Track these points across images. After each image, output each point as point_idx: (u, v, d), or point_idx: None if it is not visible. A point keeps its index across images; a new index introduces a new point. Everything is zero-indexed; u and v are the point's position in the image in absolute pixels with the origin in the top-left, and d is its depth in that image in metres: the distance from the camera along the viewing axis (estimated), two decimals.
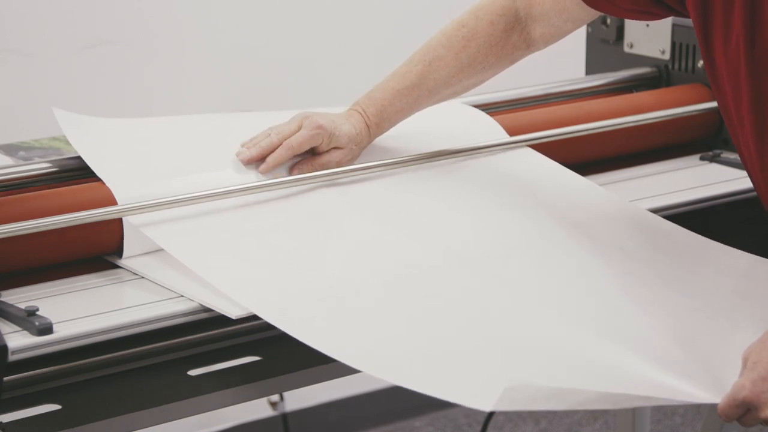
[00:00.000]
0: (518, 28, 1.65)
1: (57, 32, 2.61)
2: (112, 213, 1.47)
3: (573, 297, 1.46)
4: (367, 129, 1.66)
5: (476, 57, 1.65)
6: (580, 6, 1.59)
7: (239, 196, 1.55)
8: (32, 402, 1.35)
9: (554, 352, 1.34)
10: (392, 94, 1.66)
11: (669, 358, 1.33)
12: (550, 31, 1.65)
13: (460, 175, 1.69)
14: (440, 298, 1.43)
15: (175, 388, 1.41)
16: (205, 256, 1.45)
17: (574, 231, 1.58)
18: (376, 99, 1.66)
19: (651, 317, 1.42)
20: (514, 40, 1.66)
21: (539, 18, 1.64)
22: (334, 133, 1.63)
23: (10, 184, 1.54)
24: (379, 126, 1.67)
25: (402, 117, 1.68)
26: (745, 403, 1.22)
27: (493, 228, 1.58)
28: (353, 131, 1.64)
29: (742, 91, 1.42)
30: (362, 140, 1.66)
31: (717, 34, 1.43)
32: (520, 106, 1.95)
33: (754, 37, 1.39)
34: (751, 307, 1.45)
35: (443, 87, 1.66)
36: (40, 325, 1.31)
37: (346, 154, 1.65)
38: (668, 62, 2.06)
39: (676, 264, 1.55)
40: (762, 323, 1.38)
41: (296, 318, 1.36)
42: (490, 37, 1.65)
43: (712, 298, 1.48)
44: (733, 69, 1.42)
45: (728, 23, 1.41)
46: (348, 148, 1.64)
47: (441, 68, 1.66)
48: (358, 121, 1.65)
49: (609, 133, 1.87)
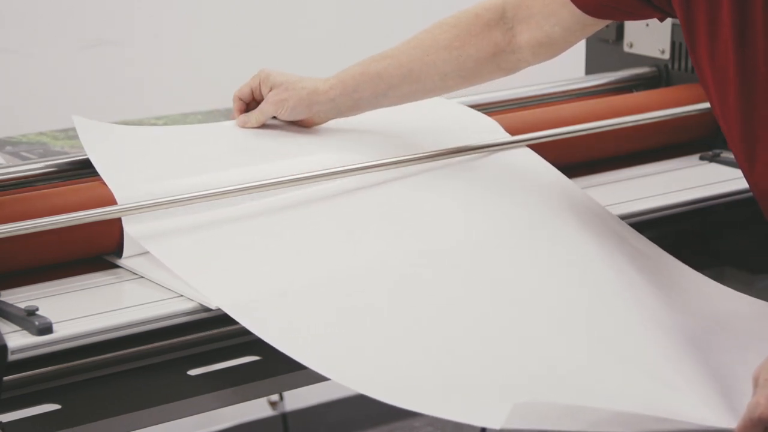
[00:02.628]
0: (503, 26, 1.63)
1: (57, 32, 2.61)
2: (112, 213, 1.47)
3: (580, 311, 1.44)
4: (324, 82, 1.66)
5: (453, 41, 1.64)
6: (566, 8, 1.57)
7: (239, 196, 1.54)
8: (32, 402, 1.35)
9: (560, 369, 1.32)
10: (365, 60, 1.67)
11: (680, 378, 1.32)
12: (537, 37, 1.61)
13: (457, 176, 1.68)
14: (437, 308, 1.41)
15: (175, 388, 1.41)
16: (204, 272, 1.44)
17: (578, 240, 1.58)
18: (349, 66, 1.68)
19: (659, 336, 1.40)
20: (497, 37, 1.63)
21: (526, 20, 1.61)
22: (271, 73, 1.67)
23: (9, 183, 1.54)
24: (342, 81, 1.66)
25: (368, 82, 1.66)
26: (762, 420, 1.19)
27: (488, 234, 1.57)
28: (295, 77, 1.67)
29: (729, 93, 1.41)
30: (310, 86, 1.67)
31: (701, 33, 1.42)
32: (520, 106, 1.95)
33: (745, 37, 1.38)
34: (760, 330, 1.44)
35: (416, 62, 1.64)
36: (40, 324, 1.31)
37: (280, 93, 1.67)
38: (668, 62, 2.06)
39: (677, 284, 1.54)
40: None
41: (298, 336, 1.35)
42: (470, 27, 1.63)
43: (714, 320, 1.47)
44: (721, 69, 1.41)
45: (714, 22, 1.40)
46: (282, 87, 1.66)
47: (417, 46, 1.65)
48: (317, 78, 1.67)
49: (608, 133, 1.87)
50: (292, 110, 1.67)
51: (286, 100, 1.67)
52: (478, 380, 1.29)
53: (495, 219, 1.60)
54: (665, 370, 1.33)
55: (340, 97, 1.66)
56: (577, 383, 1.30)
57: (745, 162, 1.43)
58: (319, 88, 1.66)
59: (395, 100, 1.68)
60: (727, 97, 1.41)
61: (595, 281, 1.50)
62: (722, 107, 1.43)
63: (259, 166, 1.61)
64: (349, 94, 1.66)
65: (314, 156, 1.65)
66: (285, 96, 1.67)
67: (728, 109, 1.42)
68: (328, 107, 1.68)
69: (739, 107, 1.40)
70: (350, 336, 1.35)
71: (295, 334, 1.35)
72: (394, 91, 1.66)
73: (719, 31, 1.40)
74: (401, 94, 1.68)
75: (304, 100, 1.66)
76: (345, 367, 1.30)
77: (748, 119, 1.40)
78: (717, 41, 1.40)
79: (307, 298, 1.40)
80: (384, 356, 1.33)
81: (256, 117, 1.70)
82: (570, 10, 1.57)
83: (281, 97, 1.67)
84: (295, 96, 1.66)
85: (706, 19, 1.41)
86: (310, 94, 1.66)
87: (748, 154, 1.42)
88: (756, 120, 1.40)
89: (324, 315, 1.38)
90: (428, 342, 1.35)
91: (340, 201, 1.59)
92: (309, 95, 1.66)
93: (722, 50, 1.40)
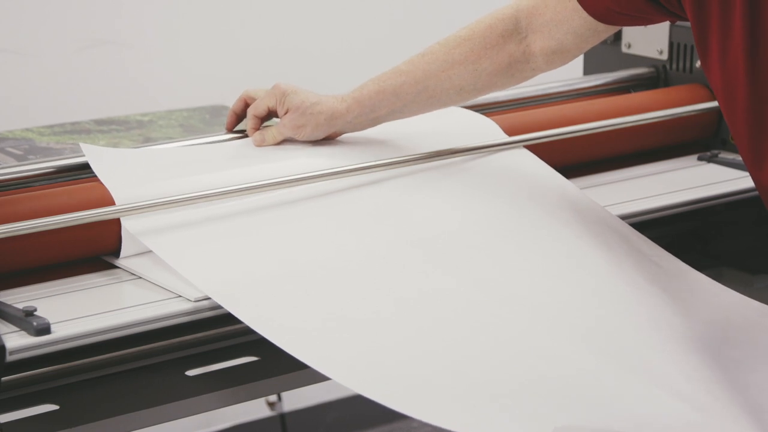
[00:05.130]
0: (517, 37, 1.63)
1: (57, 32, 2.61)
2: (110, 213, 1.47)
3: (587, 317, 1.43)
4: (341, 102, 1.66)
5: (469, 56, 1.64)
6: (578, 15, 1.57)
7: (239, 196, 1.54)
8: (30, 402, 1.35)
9: (568, 379, 1.31)
10: (378, 77, 1.66)
11: (710, 399, 1.31)
12: (550, 45, 1.61)
13: (453, 177, 1.68)
14: (436, 319, 1.40)
15: (173, 389, 1.41)
16: (205, 269, 1.44)
17: (581, 247, 1.57)
18: (363, 83, 1.67)
19: (672, 345, 1.40)
20: (511, 48, 1.63)
21: (539, 29, 1.61)
22: (287, 92, 1.66)
23: (8, 184, 1.54)
24: (360, 102, 1.66)
25: (385, 101, 1.66)
26: None
27: (487, 236, 1.57)
28: (313, 98, 1.65)
29: (738, 96, 1.41)
30: (327, 111, 1.66)
31: (713, 37, 1.43)
32: (518, 106, 1.95)
33: (757, 41, 1.38)
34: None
35: (432, 79, 1.65)
36: (38, 325, 1.31)
37: (297, 119, 1.65)
38: (666, 62, 2.06)
39: (684, 286, 1.54)
40: None
41: (293, 329, 1.35)
42: (485, 39, 1.64)
43: (724, 327, 1.47)
44: (731, 72, 1.41)
45: (726, 26, 1.41)
46: (299, 112, 1.65)
47: (432, 61, 1.65)
48: (333, 97, 1.66)
49: (607, 134, 1.87)
50: (309, 135, 1.68)
51: (304, 126, 1.67)
52: (477, 389, 1.28)
53: (491, 221, 1.59)
54: (688, 388, 1.33)
55: (358, 118, 1.67)
56: (586, 395, 1.29)
57: (752, 163, 1.44)
58: (336, 111, 1.66)
59: (410, 114, 1.70)
60: (736, 99, 1.41)
61: (600, 285, 1.50)
62: (731, 109, 1.43)
63: (258, 166, 1.61)
64: (366, 114, 1.67)
65: (313, 159, 1.65)
66: (302, 122, 1.66)
67: (737, 110, 1.42)
68: (346, 128, 1.69)
69: (748, 108, 1.40)
70: (347, 334, 1.35)
71: (271, 322, 1.34)
72: (410, 107, 1.68)
73: (731, 34, 1.40)
74: (417, 109, 1.69)
75: (321, 125, 1.67)
76: (340, 364, 1.30)
77: (757, 122, 1.40)
78: (728, 45, 1.40)
79: (301, 293, 1.40)
80: (379, 357, 1.33)
81: (274, 136, 1.69)
82: (582, 17, 1.57)
83: (299, 123, 1.66)
84: (313, 122, 1.66)
85: (718, 23, 1.41)
86: (327, 119, 1.66)
87: (756, 155, 1.42)
88: (765, 122, 1.40)
89: (322, 312, 1.38)
90: (426, 347, 1.35)
91: (335, 199, 1.59)
92: (327, 120, 1.66)
93: (733, 54, 1.40)
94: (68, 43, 2.63)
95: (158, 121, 2.23)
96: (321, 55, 2.88)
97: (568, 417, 1.25)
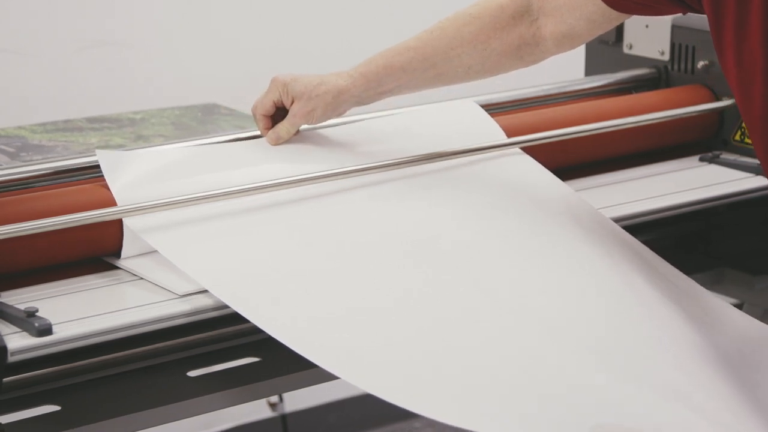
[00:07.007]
0: (528, 18, 1.62)
1: (57, 32, 2.61)
2: (112, 214, 1.47)
3: (590, 320, 1.43)
4: (347, 78, 1.65)
5: (478, 36, 1.63)
6: (592, 1, 1.56)
7: (239, 197, 1.55)
8: (32, 403, 1.35)
9: (569, 381, 1.31)
10: (386, 52, 1.65)
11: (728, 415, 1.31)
12: (561, 30, 1.61)
13: (456, 180, 1.67)
14: (436, 318, 1.40)
15: (175, 389, 1.41)
16: (209, 267, 1.44)
17: (583, 251, 1.57)
18: (370, 57, 1.66)
19: (676, 352, 1.40)
20: (521, 30, 1.62)
21: (552, 13, 1.61)
22: (287, 82, 1.64)
23: (9, 184, 1.54)
24: (366, 77, 1.65)
25: (392, 75, 1.65)
26: None
27: (486, 238, 1.57)
28: (315, 80, 1.64)
29: (755, 93, 1.40)
30: (333, 89, 1.64)
31: (729, 33, 1.42)
32: (520, 107, 1.95)
33: None
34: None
35: (440, 56, 1.64)
36: (40, 326, 1.31)
37: (305, 104, 1.64)
38: (667, 63, 2.06)
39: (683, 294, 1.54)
40: None
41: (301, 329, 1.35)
42: (495, 19, 1.63)
43: None
44: (747, 69, 1.40)
45: (743, 22, 1.40)
46: (305, 97, 1.64)
47: (441, 37, 1.64)
48: (335, 74, 1.65)
49: (608, 134, 1.87)
50: (321, 117, 1.67)
51: (313, 110, 1.65)
52: (481, 389, 1.28)
53: (489, 223, 1.59)
54: (699, 397, 1.33)
55: (365, 92, 1.66)
56: (587, 397, 1.29)
57: (767, 159, 1.43)
58: (341, 87, 1.65)
59: (417, 89, 1.69)
60: (752, 97, 1.41)
61: (600, 286, 1.50)
62: (747, 106, 1.42)
63: (261, 166, 1.62)
64: (373, 88, 1.66)
65: (315, 161, 1.65)
66: (311, 106, 1.65)
67: (753, 108, 1.41)
68: (352, 102, 1.67)
69: (765, 105, 1.40)
70: (347, 333, 1.35)
71: (283, 320, 1.35)
72: (416, 82, 1.66)
73: (748, 31, 1.40)
74: (423, 85, 1.68)
75: (330, 104, 1.65)
76: (342, 360, 1.30)
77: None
78: (745, 42, 1.40)
79: (301, 292, 1.41)
80: (380, 355, 1.33)
81: (287, 129, 1.68)
82: (595, 3, 1.57)
83: (308, 109, 1.65)
84: (322, 103, 1.65)
85: (735, 20, 1.41)
86: (335, 97, 1.65)
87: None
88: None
89: (323, 310, 1.39)
90: (427, 346, 1.35)
91: (337, 200, 1.59)
92: (334, 98, 1.65)
93: (750, 51, 1.40)
94: (66, 43, 2.63)
95: (150, 119, 2.23)
96: (320, 54, 2.87)
97: (568, 415, 1.25)
